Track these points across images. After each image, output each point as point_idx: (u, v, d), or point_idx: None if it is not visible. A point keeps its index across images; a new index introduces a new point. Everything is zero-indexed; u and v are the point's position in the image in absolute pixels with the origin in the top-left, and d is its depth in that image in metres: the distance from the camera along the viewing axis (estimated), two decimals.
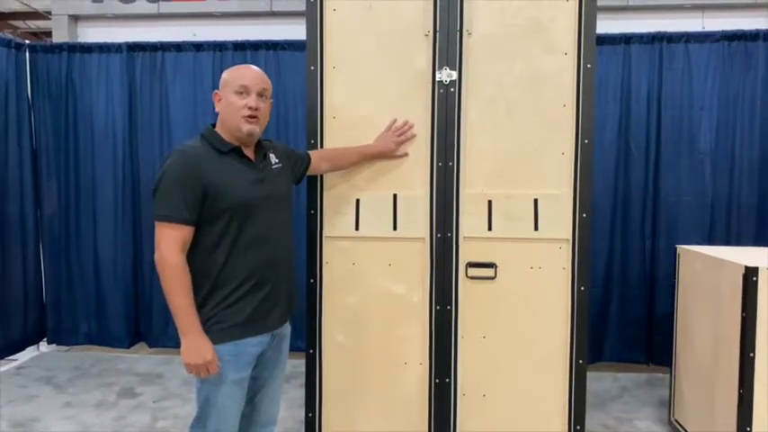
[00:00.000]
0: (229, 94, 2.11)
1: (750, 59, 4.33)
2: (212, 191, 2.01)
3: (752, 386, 2.56)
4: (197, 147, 2.09)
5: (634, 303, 4.47)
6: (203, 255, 2.04)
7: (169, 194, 1.98)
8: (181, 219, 1.98)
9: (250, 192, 2.09)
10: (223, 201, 2.02)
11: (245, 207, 2.07)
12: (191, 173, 1.99)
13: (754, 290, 2.54)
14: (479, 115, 2.68)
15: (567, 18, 2.61)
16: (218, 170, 2.04)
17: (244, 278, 2.08)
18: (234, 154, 2.11)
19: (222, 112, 2.14)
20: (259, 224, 2.11)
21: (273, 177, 2.23)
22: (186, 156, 2.03)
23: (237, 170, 2.10)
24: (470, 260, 2.70)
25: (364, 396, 2.78)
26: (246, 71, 2.16)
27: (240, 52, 4.69)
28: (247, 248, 2.08)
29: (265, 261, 2.13)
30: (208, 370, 2.00)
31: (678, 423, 3.29)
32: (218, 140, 2.11)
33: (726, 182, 4.36)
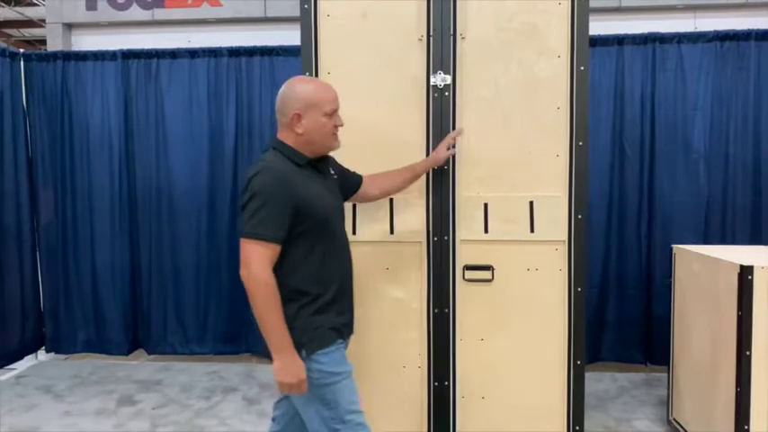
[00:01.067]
0: (319, 116, 2.12)
1: (742, 59, 4.35)
2: (302, 205, 2.03)
3: (749, 384, 2.57)
4: (282, 163, 2.09)
5: (631, 303, 4.48)
6: (293, 267, 2.06)
7: (262, 213, 1.97)
8: (274, 238, 1.98)
9: (329, 202, 2.16)
10: (312, 214, 2.06)
11: (328, 217, 2.13)
12: (283, 191, 2.00)
13: (750, 288, 2.56)
14: (474, 119, 2.70)
15: (560, 21, 2.63)
16: (302, 184, 2.07)
17: (334, 285, 2.13)
18: (309, 166, 2.15)
19: (309, 132, 2.11)
20: (337, 233, 2.19)
21: (335, 188, 2.29)
22: (277, 173, 2.03)
23: (316, 182, 2.15)
24: (467, 263, 2.72)
25: (363, 400, 2.77)
26: (332, 93, 2.18)
27: (235, 58, 4.71)
28: (333, 257, 2.14)
29: (346, 268, 2.23)
30: (299, 389, 2.01)
31: (677, 422, 3.30)
32: (295, 154, 2.12)
33: (720, 181, 4.38)
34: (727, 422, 2.67)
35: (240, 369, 4.59)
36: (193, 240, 4.73)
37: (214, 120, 4.71)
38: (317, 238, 2.09)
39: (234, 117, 4.69)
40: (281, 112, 2.14)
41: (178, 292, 4.77)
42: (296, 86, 2.14)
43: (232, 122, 4.68)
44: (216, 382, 4.34)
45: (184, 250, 4.74)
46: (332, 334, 2.11)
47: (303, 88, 2.14)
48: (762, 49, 4.34)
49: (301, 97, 2.11)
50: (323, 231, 2.11)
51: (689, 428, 3.15)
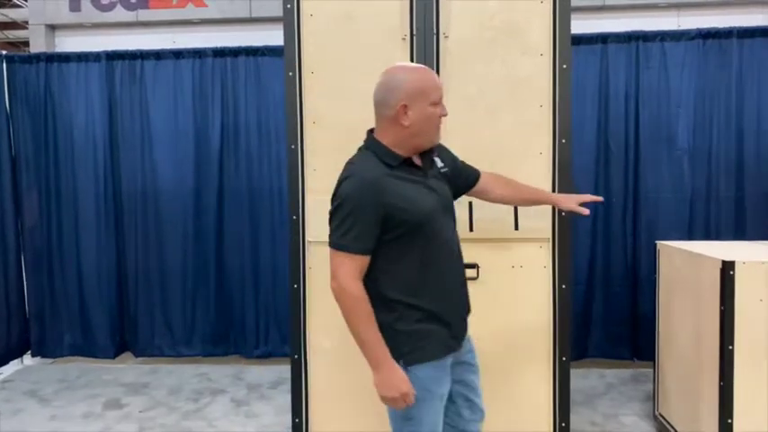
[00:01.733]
0: (427, 106, 1.95)
1: (725, 57, 4.39)
2: (395, 212, 1.89)
3: (731, 379, 2.59)
4: (370, 164, 1.95)
5: (617, 300, 4.51)
6: (391, 275, 1.94)
7: (348, 223, 1.88)
8: (361, 250, 1.89)
9: (428, 203, 1.97)
10: (404, 221, 1.91)
11: (427, 220, 1.95)
12: (371, 200, 1.88)
13: (732, 283, 2.58)
14: (459, 117, 2.70)
15: (542, 20, 2.64)
16: (395, 188, 1.92)
17: (436, 290, 1.98)
18: (404, 165, 1.98)
19: (415, 124, 1.94)
20: (439, 233, 2.00)
21: (440, 184, 2.09)
22: (364, 180, 1.90)
23: (412, 184, 1.97)
24: None
25: (351, 400, 2.78)
26: (436, 79, 2.01)
27: (220, 59, 4.69)
28: (434, 259, 1.98)
29: (449, 268, 2.04)
30: (405, 401, 1.91)
31: (663, 417, 3.33)
32: (388, 154, 1.96)
33: (704, 178, 4.42)
34: (711, 416, 2.69)
35: (228, 371, 4.58)
36: (180, 242, 4.71)
37: (199, 121, 4.70)
38: (414, 244, 1.94)
39: (219, 118, 4.68)
40: (385, 105, 1.96)
41: (165, 294, 4.75)
42: (398, 75, 1.96)
43: (218, 123, 4.67)
44: (204, 383, 4.32)
45: (171, 252, 4.72)
46: (435, 348, 1.97)
47: (408, 76, 1.95)
48: (743, 46, 4.39)
49: (407, 86, 1.93)
50: (420, 237, 1.94)
51: (674, 423, 3.18)
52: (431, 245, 1.97)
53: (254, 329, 4.74)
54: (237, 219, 4.69)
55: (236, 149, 4.69)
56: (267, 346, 4.73)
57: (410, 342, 1.94)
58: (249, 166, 4.67)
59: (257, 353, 4.73)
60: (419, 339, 1.95)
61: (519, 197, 2.40)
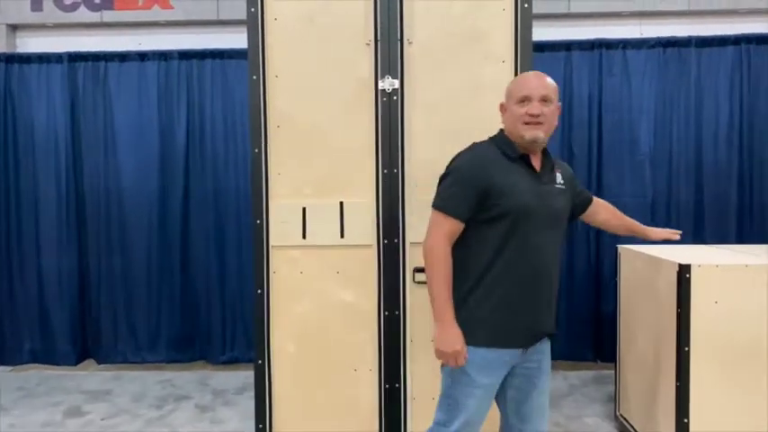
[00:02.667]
0: (512, 105, 2.13)
1: (684, 64, 4.52)
2: (495, 192, 2.04)
3: (688, 379, 2.66)
4: (488, 149, 2.15)
5: (581, 302, 4.59)
6: (474, 252, 2.09)
7: (450, 189, 2.08)
8: (455, 213, 2.06)
9: (530, 200, 2.07)
10: (503, 203, 2.04)
11: (523, 214, 2.05)
12: (477, 173, 2.06)
13: (688, 286, 2.65)
14: (423, 122, 2.73)
15: (504, 27, 2.68)
16: (504, 174, 2.07)
17: (508, 284, 2.07)
18: (522, 162, 2.13)
19: (506, 122, 2.18)
20: (533, 234, 2.08)
21: (555, 194, 2.18)
22: (476, 156, 2.12)
23: (523, 177, 2.10)
24: (417, 265, 2.73)
25: (315, 405, 2.78)
26: (528, 79, 2.15)
27: (186, 61, 4.66)
28: (517, 255, 2.07)
29: (532, 273, 2.09)
30: (456, 361, 2.05)
31: (624, 418, 3.39)
32: (509, 146, 2.14)
33: (664, 181, 4.53)
34: (668, 416, 2.75)
35: (194, 377, 4.52)
36: (144, 245, 4.65)
37: (165, 123, 4.65)
38: (504, 231, 2.05)
39: (185, 120, 4.64)
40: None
41: (129, 299, 4.69)
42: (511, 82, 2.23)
43: (183, 126, 4.63)
44: (168, 390, 4.26)
45: (135, 255, 4.66)
46: (489, 336, 2.08)
47: (512, 81, 2.23)
48: (701, 54, 4.52)
49: (507, 89, 2.20)
50: (513, 227, 2.05)
51: (634, 423, 3.24)
52: (520, 241, 2.06)
53: (220, 335, 4.70)
54: (203, 222, 4.66)
55: (201, 152, 4.65)
56: (234, 352, 4.70)
57: (471, 322, 2.07)
58: (215, 168, 4.64)
59: (223, 358, 4.69)
60: (476, 322, 2.07)
61: (619, 224, 2.58)
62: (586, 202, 2.46)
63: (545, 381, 2.25)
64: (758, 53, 4.49)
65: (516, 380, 2.20)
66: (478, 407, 2.12)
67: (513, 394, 2.22)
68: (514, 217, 2.05)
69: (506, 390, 2.21)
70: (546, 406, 2.28)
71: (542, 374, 2.23)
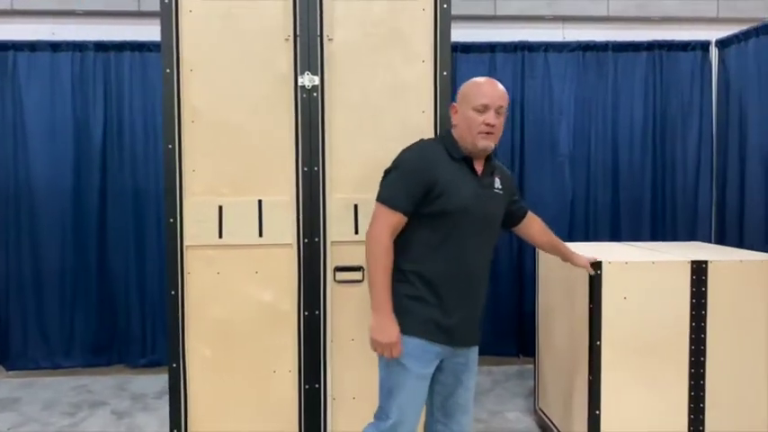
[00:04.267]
0: (468, 110, 2.16)
1: (601, 68, 4.69)
2: (438, 189, 2.09)
3: (599, 373, 2.75)
4: (434, 146, 2.21)
5: (504, 298, 4.69)
6: (412, 247, 2.15)
7: (395, 183, 2.13)
8: (399, 207, 2.10)
9: (469, 201, 2.13)
10: (444, 201, 2.09)
11: (462, 214, 2.12)
12: (423, 169, 2.11)
13: (599, 282, 2.74)
14: (344, 120, 2.70)
15: (424, 27, 2.69)
16: (448, 172, 2.12)
17: (443, 282, 2.14)
18: (464, 163, 2.18)
19: (459, 125, 2.20)
20: (468, 236, 2.15)
21: (492, 198, 2.24)
22: (423, 152, 2.18)
23: (464, 178, 2.16)
24: (338, 264, 2.71)
25: (233, 408, 2.71)
26: (487, 88, 2.18)
27: (103, 53, 4.47)
28: (453, 254, 2.13)
29: (465, 273, 2.16)
30: (391, 352, 2.10)
31: (542, 412, 3.48)
32: (454, 147, 2.19)
33: (583, 182, 4.69)
34: (582, 408, 2.84)
35: (111, 381, 4.35)
36: (58, 245, 4.44)
37: (80, 117, 4.45)
38: (443, 228, 2.12)
39: (102, 114, 4.46)
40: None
41: (40, 302, 4.46)
42: (465, 83, 2.25)
43: (100, 120, 4.45)
44: (83, 396, 4.08)
45: (47, 256, 4.44)
46: (425, 328, 2.13)
47: (465, 84, 2.24)
48: (618, 59, 4.70)
49: (461, 91, 2.23)
50: (451, 225, 2.11)
51: (552, 417, 3.34)
52: (456, 240, 2.13)
53: (139, 338, 4.55)
54: (122, 221, 4.49)
55: (120, 148, 4.48)
56: (154, 355, 4.55)
57: (402, 314, 2.13)
58: (134, 166, 4.48)
59: (143, 362, 4.54)
60: (409, 314, 2.14)
61: (547, 242, 2.66)
62: (520, 213, 2.53)
63: (471, 379, 2.33)
64: (668, 59, 4.71)
65: (443, 375, 2.26)
66: (414, 396, 2.18)
67: (439, 389, 2.28)
68: (453, 216, 2.12)
69: (433, 383, 2.26)
70: (470, 404, 2.36)
71: (469, 372, 2.31)
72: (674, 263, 2.80)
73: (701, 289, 2.76)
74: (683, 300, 2.77)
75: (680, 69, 4.70)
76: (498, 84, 2.24)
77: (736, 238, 4.36)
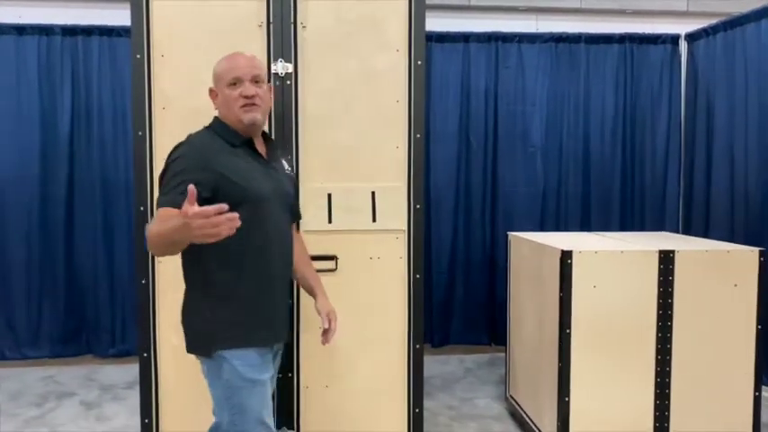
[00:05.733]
0: (224, 88, 2.00)
1: (574, 60, 4.73)
2: (224, 182, 1.88)
3: (569, 360, 2.79)
4: (208, 138, 2.00)
5: (477, 288, 4.74)
6: (212, 251, 1.77)
7: (172, 184, 1.84)
8: (175, 203, 1.72)
9: (263, 186, 1.98)
10: (236, 193, 1.88)
11: (259, 201, 1.95)
12: (202, 163, 1.88)
13: (570, 271, 2.78)
14: (317, 109, 2.69)
15: (398, 16, 2.68)
16: (231, 162, 1.93)
17: (262, 281, 1.98)
18: (246, 147, 2.02)
19: (221, 108, 2.05)
20: (271, 222, 2.00)
21: (283, 178, 2.12)
22: (199, 146, 1.95)
23: (251, 163, 2.00)
24: (312, 253, 2.70)
25: (205, 398, 2.69)
26: (236, 60, 2.02)
27: (71, 37, 4.38)
28: (259, 246, 1.96)
29: (279, 261, 2.04)
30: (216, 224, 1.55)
31: (513, 399, 3.53)
32: (230, 133, 2.00)
33: (555, 172, 4.74)
34: (551, 395, 2.89)
35: (79, 372, 4.28)
36: (23, 233, 4.35)
37: (46, 103, 4.35)
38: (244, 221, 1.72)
39: (70, 100, 4.36)
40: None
41: (6, 292, 4.36)
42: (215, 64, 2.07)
43: (67, 106, 4.35)
44: (50, 387, 4.01)
45: (13, 244, 4.35)
46: (256, 335, 1.97)
47: (216, 64, 2.07)
48: (590, 51, 4.75)
49: (213, 73, 2.07)
50: (252, 215, 1.87)
51: (522, 404, 3.39)
52: (260, 227, 1.95)
53: (108, 327, 4.49)
54: (89, 209, 4.41)
55: (88, 133, 4.40)
56: (124, 345, 4.50)
57: (224, 325, 1.94)
58: (102, 153, 4.40)
59: (112, 352, 4.48)
60: (235, 324, 1.95)
61: (301, 268, 2.29)
62: (294, 215, 2.31)
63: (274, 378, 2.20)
64: (640, 51, 4.77)
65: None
66: (265, 404, 2.01)
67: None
68: (250, 206, 1.90)
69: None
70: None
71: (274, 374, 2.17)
72: (643, 252, 2.85)
73: (668, 278, 2.82)
74: (650, 289, 2.83)
75: (650, 62, 4.78)
76: (247, 54, 2.07)
77: (703, 228, 4.46)
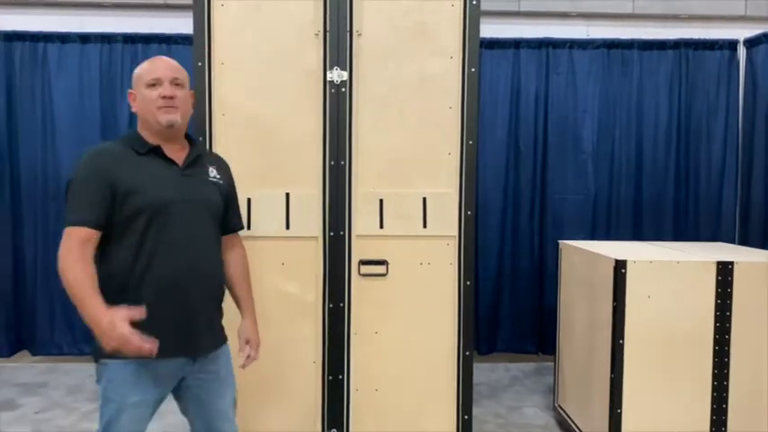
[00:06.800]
0: (142, 89, 1.97)
1: (626, 66, 4.67)
2: (122, 190, 1.86)
3: (621, 371, 2.75)
4: (112, 146, 1.98)
5: (525, 296, 4.70)
6: (113, 262, 1.87)
7: (75, 198, 1.85)
8: (83, 221, 1.81)
9: (167, 194, 1.92)
10: (134, 201, 1.86)
11: (159, 209, 1.89)
12: (97, 173, 1.86)
13: (623, 281, 2.74)
14: (371, 115, 2.73)
15: (453, 23, 2.70)
16: (130, 169, 1.90)
17: (150, 289, 1.87)
18: (153, 154, 1.97)
19: (139, 110, 2.01)
20: (175, 231, 1.91)
21: (203, 186, 2.04)
22: (95, 156, 1.92)
23: (155, 170, 1.95)
24: (363, 258, 2.74)
25: (258, 397, 2.76)
26: (155, 63, 2.02)
27: (131, 45, 4.54)
28: (158, 256, 1.89)
29: (175, 273, 1.91)
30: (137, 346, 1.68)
31: (561, 409, 3.49)
32: (138, 141, 1.98)
33: (606, 180, 4.67)
34: (603, 406, 2.84)
35: None
36: None
37: (107, 108, 4.53)
38: (141, 231, 1.87)
39: (128, 106, 4.49)
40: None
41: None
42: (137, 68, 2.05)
43: (126, 112, 4.50)
44: None
45: None
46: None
47: (138, 67, 2.05)
48: (643, 57, 4.68)
49: (134, 75, 2.04)
50: (148, 225, 1.87)
51: (571, 414, 3.34)
52: (159, 239, 1.89)
53: None
54: None
55: None
56: None
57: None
58: None
59: None
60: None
61: (231, 285, 2.24)
62: (232, 225, 2.23)
63: (226, 389, 2.12)
64: (695, 57, 4.67)
65: (192, 392, 2.05)
66: (132, 427, 1.91)
67: (195, 410, 2.08)
68: (149, 215, 1.88)
69: (187, 405, 2.08)
70: (233, 415, 2.16)
71: (222, 384, 2.10)
72: (700, 263, 2.79)
73: (727, 290, 2.75)
74: (707, 300, 2.76)
75: (706, 68, 4.67)
76: (168, 58, 2.08)
77: (761, 239, 4.32)
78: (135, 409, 1.90)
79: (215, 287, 2.07)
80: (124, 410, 1.89)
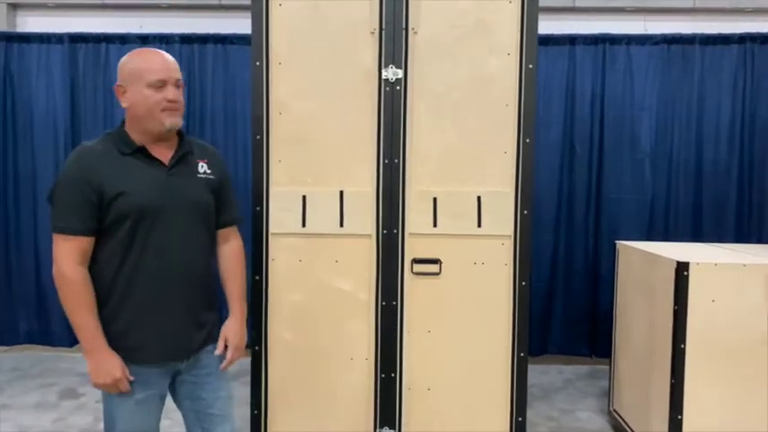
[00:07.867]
0: (143, 88, 1.89)
1: (687, 62, 4.51)
2: (108, 194, 1.84)
3: (682, 376, 2.67)
4: (96, 147, 1.92)
5: (578, 297, 4.60)
6: (105, 266, 1.89)
7: (62, 203, 1.86)
8: (75, 230, 1.83)
9: (152, 196, 1.89)
10: (119, 204, 1.85)
11: (145, 212, 1.87)
12: (84, 177, 1.84)
13: (686, 284, 2.65)
14: (425, 113, 2.71)
15: (510, 20, 2.66)
16: (116, 172, 1.87)
17: (138, 292, 1.89)
18: (139, 154, 1.93)
19: (134, 107, 1.91)
20: (161, 233, 1.90)
21: (191, 186, 2.00)
22: (80, 159, 1.89)
23: (140, 171, 1.91)
24: (416, 256, 2.73)
25: (310, 392, 2.78)
26: (158, 61, 1.94)
27: (187, 45, 4.64)
28: (144, 259, 1.89)
29: (163, 276, 1.92)
30: (119, 388, 1.87)
31: (617, 413, 3.41)
32: (123, 141, 1.93)
33: (664, 180, 4.53)
34: (662, 412, 2.76)
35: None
36: None
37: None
38: (126, 234, 1.87)
39: (185, 105, 4.59)
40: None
41: None
42: (123, 58, 1.97)
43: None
44: None
45: None
46: (133, 351, 1.90)
47: (128, 59, 1.96)
48: (705, 53, 4.51)
49: (126, 68, 1.94)
50: (134, 228, 1.87)
51: (627, 419, 3.26)
52: (145, 243, 1.89)
53: None
54: None
55: (201, 136, 4.62)
56: None
57: (114, 340, 1.89)
58: None
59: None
60: (115, 338, 1.89)
61: (223, 281, 2.19)
62: (225, 219, 2.17)
63: (221, 385, 2.12)
64: (762, 53, 4.47)
65: (186, 387, 2.07)
66: (139, 423, 1.96)
67: (189, 405, 2.09)
68: (135, 218, 1.86)
69: (181, 401, 2.10)
70: (229, 411, 2.15)
71: (216, 378, 2.10)
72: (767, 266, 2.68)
73: None
74: None
75: None
76: (167, 54, 1.99)
77: None
78: (138, 407, 1.95)
79: (203, 288, 2.04)
80: (129, 407, 1.93)
